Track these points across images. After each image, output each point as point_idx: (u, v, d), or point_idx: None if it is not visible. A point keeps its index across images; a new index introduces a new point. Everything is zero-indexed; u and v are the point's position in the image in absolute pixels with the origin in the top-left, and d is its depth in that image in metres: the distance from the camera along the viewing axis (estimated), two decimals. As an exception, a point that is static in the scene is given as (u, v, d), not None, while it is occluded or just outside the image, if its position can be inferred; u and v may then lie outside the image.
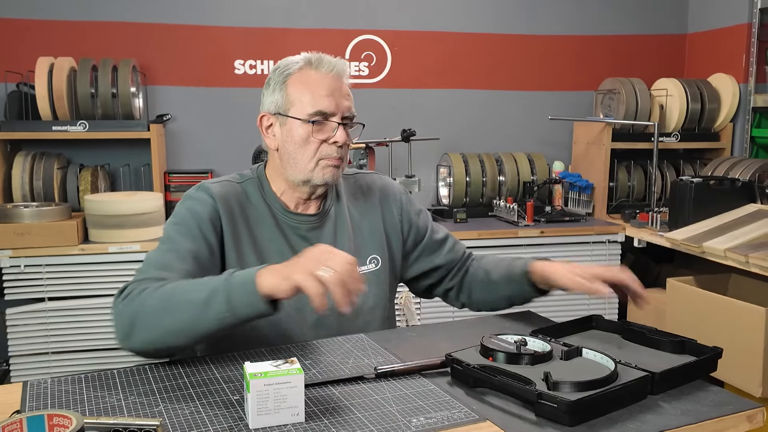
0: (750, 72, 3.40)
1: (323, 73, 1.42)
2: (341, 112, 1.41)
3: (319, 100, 1.39)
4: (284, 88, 1.43)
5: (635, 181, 3.50)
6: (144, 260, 1.35)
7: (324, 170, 1.42)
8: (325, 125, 1.41)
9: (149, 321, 1.19)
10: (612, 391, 1.06)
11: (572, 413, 1.01)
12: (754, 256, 2.36)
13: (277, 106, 1.44)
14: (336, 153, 1.42)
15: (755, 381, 2.38)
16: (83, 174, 2.95)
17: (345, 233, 1.51)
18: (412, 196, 1.67)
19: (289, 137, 1.42)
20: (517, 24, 3.59)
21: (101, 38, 3.10)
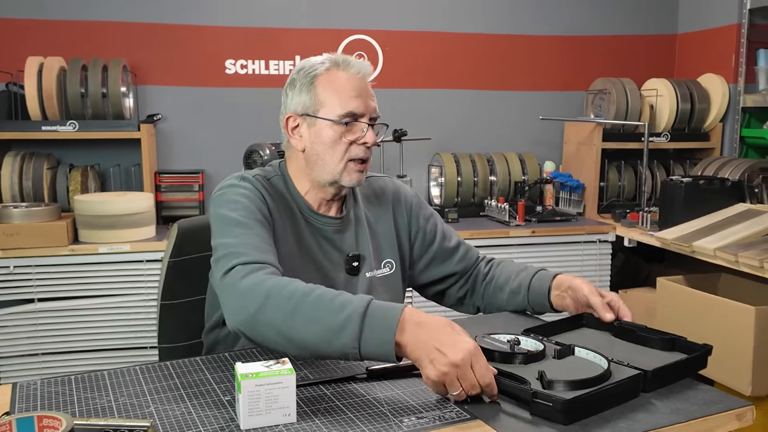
0: (739, 72, 3.42)
1: (351, 75, 1.42)
2: (369, 113, 1.42)
3: (349, 101, 1.39)
4: (312, 89, 1.41)
5: (626, 180, 3.51)
6: (222, 245, 1.29)
7: (351, 174, 1.42)
8: (354, 126, 1.41)
9: (278, 319, 1.14)
10: (606, 389, 1.07)
11: (567, 412, 1.01)
12: (743, 256, 2.38)
13: (305, 107, 1.42)
14: (364, 154, 1.42)
15: (745, 380, 2.39)
16: (73, 174, 2.93)
17: (365, 237, 1.52)
18: (421, 199, 1.67)
19: (318, 138, 1.41)
20: (509, 24, 3.59)
21: (91, 38, 3.09)
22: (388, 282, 1.53)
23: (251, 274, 1.21)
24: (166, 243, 1.67)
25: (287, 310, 1.14)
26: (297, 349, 1.15)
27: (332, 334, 1.10)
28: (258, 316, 1.15)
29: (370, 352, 1.09)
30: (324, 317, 1.12)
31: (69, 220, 2.66)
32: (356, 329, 1.09)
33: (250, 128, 3.23)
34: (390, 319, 1.09)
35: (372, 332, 1.09)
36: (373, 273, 1.51)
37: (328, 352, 1.12)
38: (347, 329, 1.09)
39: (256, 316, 1.15)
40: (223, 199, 1.38)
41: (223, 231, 1.32)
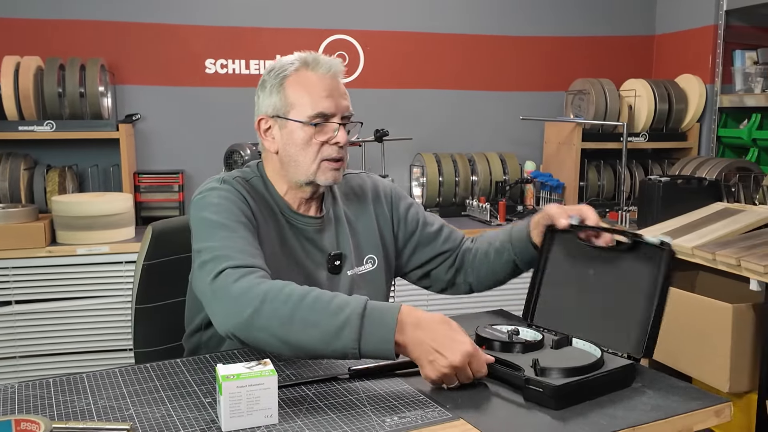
0: (716, 73, 3.46)
1: (321, 74, 1.40)
2: (341, 112, 1.41)
3: (319, 101, 1.39)
4: (282, 90, 1.41)
5: (605, 180, 3.55)
6: (207, 249, 1.28)
7: (326, 172, 1.42)
8: (325, 126, 1.40)
9: (275, 324, 1.14)
10: (596, 377, 1.11)
11: (558, 397, 1.05)
12: (720, 254, 2.41)
13: (275, 109, 1.42)
14: (337, 153, 1.41)
15: (723, 377, 2.43)
16: (50, 175, 2.90)
17: (345, 236, 1.52)
18: (399, 189, 1.66)
19: (290, 140, 1.41)
20: (489, 25, 3.61)
21: (68, 37, 3.05)
22: (370, 278, 1.53)
23: (243, 277, 1.20)
24: (139, 245, 1.65)
25: (284, 314, 1.14)
26: (294, 352, 1.16)
27: (331, 337, 1.11)
28: (253, 320, 1.15)
29: (370, 350, 1.11)
30: (322, 320, 1.12)
31: (46, 221, 2.63)
32: (356, 330, 1.11)
33: (231, 128, 3.22)
34: (388, 319, 1.12)
35: (371, 332, 1.11)
36: (355, 271, 1.51)
37: (326, 354, 1.14)
38: (346, 331, 1.11)
39: (252, 321, 1.15)
40: (205, 202, 1.36)
41: (207, 234, 1.30)
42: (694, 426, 1.08)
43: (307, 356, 1.17)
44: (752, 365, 2.43)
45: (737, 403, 2.45)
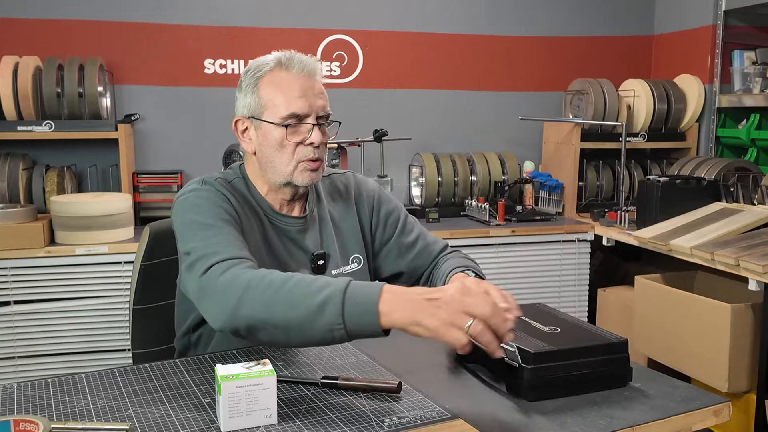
0: (715, 73, 3.46)
1: (294, 74, 1.39)
2: (315, 112, 1.39)
3: (292, 102, 1.37)
4: (256, 91, 1.41)
5: (604, 180, 3.55)
6: (194, 249, 1.27)
7: (303, 173, 1.41)
8: (299, 127, 1.39)
9: (259, 307, 1.13)
10: (575, 364, 1.12)
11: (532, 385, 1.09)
12: (719, 254, 2.41)
13: (250, 110, 1.42)
14: (313, 154, 1.40)
15: (721, 376, 2.43)
16: (49, 175, 2.90)
17: (330, 235, 1.51)
18: (389, 192, 1.66)
19: (265, 141, 1.41)
20: (489, 25, 3.61)
21: (67, 37, 3.05)
22: (356, 278, 1.50)
23: (229, 270, 1.20)
24: (137, 246, 1.64)
25: (266, 300, 1.13)
26: (284, 337, 1.13)
27: (315, 314, 1.09)
28: (239, 310, 1.14)
29: (355, 324, 1.07)
30: (304, 300, 1.11)
31: (45, 221, 2.63)
32: (338, 305, 1.08)
33: (229, 128, 3.17)
34: (371, 293, 1.08)
35: (354, 305, 1.07)
36: (340, 270, 1.50)
37: (313, 335, 1.10)
38: (329, 307, 1.08)
39: (237, 311, 1.14)
40: (187, 203, 1.36)
41: (192, 235, 1.30)
42: (693, 426, 1.08)
43: (299, 341, 1.14)
44: (751, 365, 2.43)
45: (736, 403, 2.45)
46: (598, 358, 1.14)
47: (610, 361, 1.15)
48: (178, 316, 1.53)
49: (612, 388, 1.15)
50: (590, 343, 1.15)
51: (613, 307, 3.18)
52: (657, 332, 2.71)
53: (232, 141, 3.02)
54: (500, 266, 3.10)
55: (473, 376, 1.20)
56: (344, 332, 1.08)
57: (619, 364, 1.17)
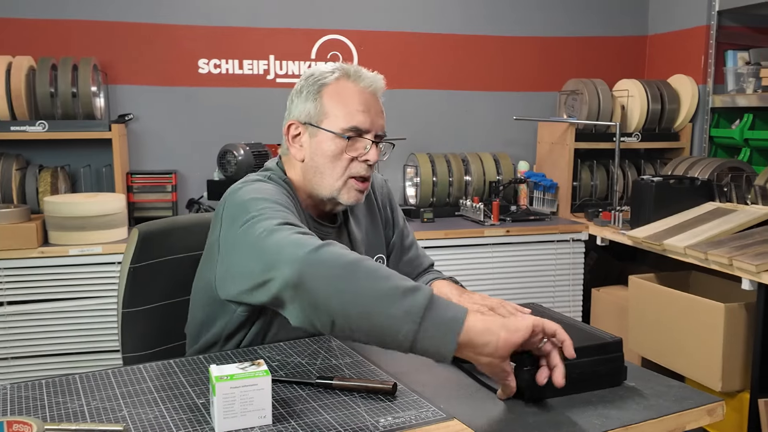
0: (708, 73, 3.47)
1: (361, 88, 1.37)
2: (375, 129, 1.37)
3: (356, 115, 1.35)
4: (319, 98, 1.36)
5: (598, 180, 3.56)
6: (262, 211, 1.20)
7: (350, 191, 1.38)
8: (357, 142, 1.36)
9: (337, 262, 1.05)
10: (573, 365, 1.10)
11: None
12: (713, 254, 2.42)
13: (308, 116, 1.38)
14: (365, 172, 1.38)
15: (715, 376, 2.44)
16: (43, 175, 2.88)
17: (359, 240, 1.51)
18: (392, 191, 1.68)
19: (319, 150, 1.37)
20: (483, 25, 3.61)
21: (61, 36, 3.04)
22: None
23: (295, 231, 1.13)
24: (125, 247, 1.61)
25: (351, 259, 1.06)
26: (347, 304, 1.03)
27: (401, 295, 1.01)
28: (318, 254, 1.05)
29: (436, 323, 1.00)
30: (392, 277, 1.04)
31: (39, 221, 2.62)
32: (426, 297, 1.01)
33: (224, 128, 3.21)
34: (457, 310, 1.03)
35: (440, 309, 1.01)
36: None
37: (381, 319, 1.01)
38: (418, 295, 1.01)
39: (316, 254, 1.05)
40: (252, 188, 1.30)
41: (259, 206, 1.22)
42: (687, 425, 1.08)
43: (359, 316, 1.02)
44: (744, 364, 2.44)
45: (729, 402, 2.46)
46: (594, 357, 1.14)
47: (606, 361, 1.16)
48: (196, 327, 1.44)
49: (607, 387, 1.15)
50: (585, 343, 1.15)
51: (608, 307, 3.18)
52: (651, 332, 2.71)
53: (226, 141, 3.02)
54: (495, 266, 3.10)
55: (468, 376, 1.20)
56: (417, 326, 0.99)
57: (614, 363, 1.17)
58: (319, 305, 1.04)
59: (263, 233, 1.14)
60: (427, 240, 2.96)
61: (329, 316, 1.04)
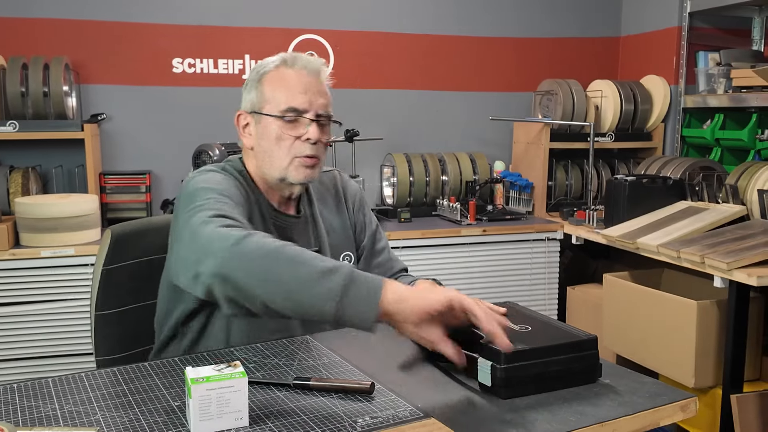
0: (680, 74, 3.53)
1: (297, 70, 1.44)
2: (315, 109, 1.42)
3: (293, 96, 1.41)
4: (259, 86, 1.44)
5: (573, 179, 3.59)
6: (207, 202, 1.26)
7: (298, 169, 1.43)
8: (298, 122, 1.42)
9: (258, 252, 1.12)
10: (546, 362, 1.12)
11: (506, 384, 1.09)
12: (685, 252, 2.45)
13: (252, 105, 1.45)
14: (309, 150, 1.42)
15: (688, 372, 2.47)
16: (13, 176, 2.84)
17: (321, 233, 1.54)
18: (365, 195, 1.70)
19: (264, 135, 1.43)
20: (459, 26, 3.63)
21: (32, 35, 2.99)
22: None
23: (234, 226, 1.19)
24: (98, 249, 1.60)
25: (273, 247, 1.13)
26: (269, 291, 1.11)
27: (320, 276, 1.09)
28: (240, 246, 1.12)
29: (355, 299, 1.08)
30: (312, 260, 1.12)
31: (9, 223, 2.57)
32: (347, 274, 1.10)
33: (199, 128, 3.18)
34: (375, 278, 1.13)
35: (358, 286, 1.10)
36: None
37: (305, 300, 1.09)
38: (336, 275, 1.09)
39: (238, 247, 1.12)
40: (206, 177, 1.37)
41: (206, 196, 1.29)
42: (661, 421, 1.09)
43: (284, 300, 1.10)
44: (717, 361, 2.48)
45: (702, 398, 2.50)
46: (569, 355, 1.15)
47: (581, 358, 1.17)
48: (164, 307, 1.49)
49: (582, 384, 1.16)
50: (561, 341, 1.16)
51: (583, 305, 3.22)
52: (625, 329, 2.75)
53: (201, 141, 2.99)
54: (471, 265, 3.12)
55: (445, 374, 1.20)
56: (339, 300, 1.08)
57: (589, 360, 1.18)
58: (246, 294, 1.12)
59: (199, 224, 1.20)
60: (404, 240, 2.97)
61: (258, 302, 1.12)
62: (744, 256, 2.30)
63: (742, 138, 3.18)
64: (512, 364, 1.10)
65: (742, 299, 2.35)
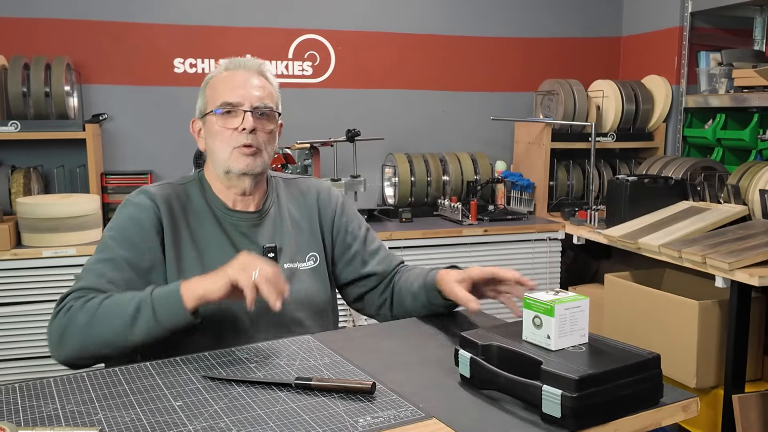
0: (682, 74, 3.52)
1: (232, 71, 1.54)
2: (249, 101, 1.50)
3: (227, 93, 1.50)
4: (204, 92, 1.56)
5: (574, 179, 3.59)
6: (83, 267, 1.43)
7: (238, 158, 1.50)
8: (233, 114, 1.50)
9: (78, 332, 1.29)
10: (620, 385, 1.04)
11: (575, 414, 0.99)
12: (686, 252, 2.45)
13: (200, 110, 1.57)
14: (246, 139, 1.49)
15: (690, 372, 2.47)
16: (15, 176, 2.84)
17: (285, 231, 1.58)
18: (353, 204, 1.73)
19: (209, 133, 1.53)
20: (460, 26, 3.63)
21: (33, 35, 2.99)
22: (313, 273, 1.59)
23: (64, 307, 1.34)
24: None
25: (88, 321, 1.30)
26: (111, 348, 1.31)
27: (132, 320, 1.28)
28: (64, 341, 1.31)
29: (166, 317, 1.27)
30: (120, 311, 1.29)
31: (11, 223, 2.58)
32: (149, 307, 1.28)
33: (200, 128, 3.18)
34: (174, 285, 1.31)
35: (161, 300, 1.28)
36: (295, 265, 1.56)
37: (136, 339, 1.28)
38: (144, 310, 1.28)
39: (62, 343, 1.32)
40: (114, 215, 1.52)
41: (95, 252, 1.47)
42: (663, 421, 1.09)
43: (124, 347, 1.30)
44: (718, 361, 2.47)
45: (704, 398, 2.50)
46: (637, 377, 1.06)
47: (647, 379, 1.08)
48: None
49: (647, 408, 1.07)
50: (628, 362, 1.06)
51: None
52: (626, 329, 2.74)
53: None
54: (473, 265, 3.11)
55: (446, 375, 1.20)
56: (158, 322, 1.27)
57: (654, 381, 1.09)
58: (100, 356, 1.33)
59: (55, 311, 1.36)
60: (405, 240, 2.97)
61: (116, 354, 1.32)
62: (745, 256, 2.29)
63: (743, 138, 3.18)
64: (586, 390, 0.99)
65: (743, 299, 2.34)
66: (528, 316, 1.15)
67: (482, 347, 1.14)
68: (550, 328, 1.12)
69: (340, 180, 3.10)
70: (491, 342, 1.15)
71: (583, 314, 1.14)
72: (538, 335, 1.14)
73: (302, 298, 1.53)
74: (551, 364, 1.04)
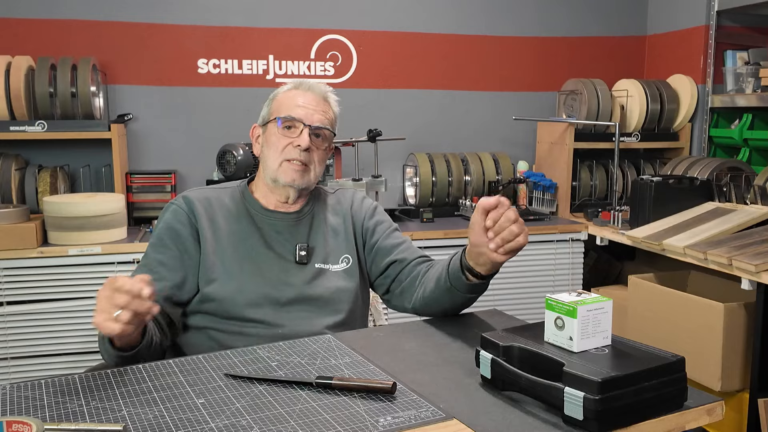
0: (708, 73, 3.48)
1: (301, 91, 1.63)
2: (310, 121, 1.58)
3: (292, 108, 1.59)
4: (270, 104, 1.66)
5: (597, 180, 3.56)
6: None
7: (286, 171, 1.58)
8: (292, 129, 1.58)
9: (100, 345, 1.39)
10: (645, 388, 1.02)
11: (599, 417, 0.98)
12: (712, 253, 2.42)
13: (263, 118, 1.66)
14: (298, 155, 1.57)
15: (714, 375, 2.44)
16: (42, 175, 2.88)
17: (320, 233, 1.64)
18: (381, 208, 1.78)
19: (267, 141, 1.62)
20: (482, 25, 3.61)
21: (60, 36, 3.04)
22: (345, 275, 1.63)
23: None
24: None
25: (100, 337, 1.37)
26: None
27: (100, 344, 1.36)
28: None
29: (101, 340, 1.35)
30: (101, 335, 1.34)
31: (38, 221, 2.62)
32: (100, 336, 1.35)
33: (223, 128, 3.21)
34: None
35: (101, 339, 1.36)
36: (327, 266, 1.62)
37: (108, 361, 1.36)
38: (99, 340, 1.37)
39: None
40: (158, 221, 1.60)
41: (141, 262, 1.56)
42: (687, 424, 1.08)
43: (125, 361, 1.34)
44: (744, 364, 2.44)
45: (729, 401, 2.46)
46: (661, 379, 1.04)
47: (672, 382, 1.06)
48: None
49: (671, 411, 1.06)
50: (652, 365, 1.05)
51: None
52: (650, 331, 2.72)
53: (225, 141, 3.02)
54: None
55: (467, 376, 1.20)
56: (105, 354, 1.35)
57: (678, 384, 1.07)
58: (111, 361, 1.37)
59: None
60: (426, 240, 2.97)
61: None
62: (773, 258, 2.26)
63: (771, 138, 3.13)
64: (609, 393, 0.98)
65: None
66: (550, 318, 1.14)
67: (503, 348, 1.14)
68: (572, 330, 1.11)
69: (361, 180, 3.10)
70: (512, 343, 1.14)
71: (606, 316, 1.13)
72: (561, 337, 1.13)
73: (329, 295, 1.58)
74: (573, 366, 1.03)
